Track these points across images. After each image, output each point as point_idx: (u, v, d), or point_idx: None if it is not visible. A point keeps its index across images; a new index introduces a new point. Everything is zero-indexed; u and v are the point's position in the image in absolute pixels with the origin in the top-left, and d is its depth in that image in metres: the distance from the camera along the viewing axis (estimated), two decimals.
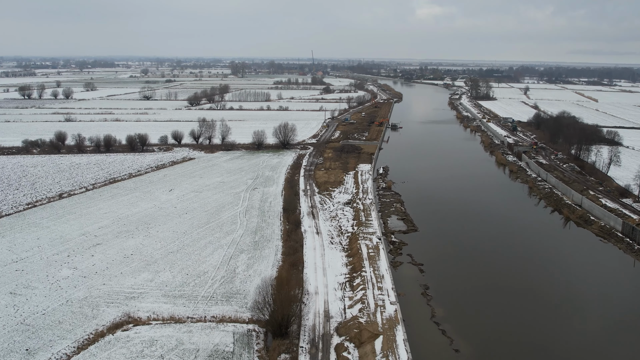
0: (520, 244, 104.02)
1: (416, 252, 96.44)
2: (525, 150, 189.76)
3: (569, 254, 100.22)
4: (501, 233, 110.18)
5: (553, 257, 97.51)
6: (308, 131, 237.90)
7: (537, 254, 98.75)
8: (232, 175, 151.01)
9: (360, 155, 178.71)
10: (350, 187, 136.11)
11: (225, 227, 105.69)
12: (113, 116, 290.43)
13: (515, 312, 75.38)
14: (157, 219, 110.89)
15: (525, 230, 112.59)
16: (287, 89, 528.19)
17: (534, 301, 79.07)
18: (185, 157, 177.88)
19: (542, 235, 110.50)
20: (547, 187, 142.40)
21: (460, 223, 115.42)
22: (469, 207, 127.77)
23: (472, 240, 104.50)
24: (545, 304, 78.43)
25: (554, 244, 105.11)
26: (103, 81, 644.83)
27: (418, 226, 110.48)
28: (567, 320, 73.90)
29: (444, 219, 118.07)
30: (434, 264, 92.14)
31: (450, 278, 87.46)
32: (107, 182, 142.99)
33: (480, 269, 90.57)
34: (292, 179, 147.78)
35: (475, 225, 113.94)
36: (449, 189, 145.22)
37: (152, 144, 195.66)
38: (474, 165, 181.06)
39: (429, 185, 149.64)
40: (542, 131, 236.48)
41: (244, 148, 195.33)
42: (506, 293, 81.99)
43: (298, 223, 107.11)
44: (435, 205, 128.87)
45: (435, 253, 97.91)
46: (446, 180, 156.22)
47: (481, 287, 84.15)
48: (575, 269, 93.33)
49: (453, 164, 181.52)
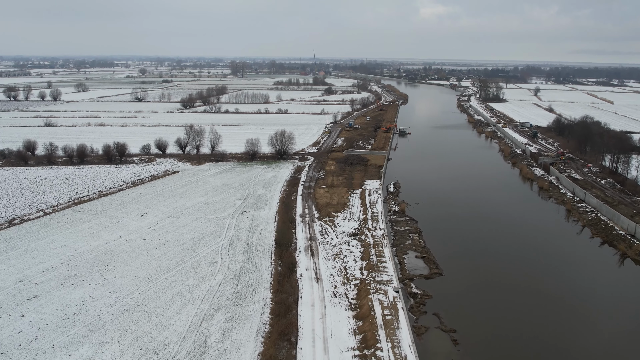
0: (580, 293, 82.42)
1: (445, 309, 74.76)
2: (552, 162, 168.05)
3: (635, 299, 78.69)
4: (549, 275, 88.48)
5: (623, 309, 76.07)
6: (308, 138, 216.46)
7: (602, 309, 77.24)
8: (219, 194, 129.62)
9: (366, 169, 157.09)
10: (357, 210, 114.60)
11: (201, 270, 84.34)
12: (98, 120, 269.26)
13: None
14: (118, 256, 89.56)
15: (578, 272, 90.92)
16: (287, 89, 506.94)
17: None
18: (167, 170, 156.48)
19: (599, 277, 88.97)
20: (588, 210, 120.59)
21: (490, 259, 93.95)
22: (498, 237, 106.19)
23: (508, 285, 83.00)
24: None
25: (618, 292, 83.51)
26: (98, 81, 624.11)
27: (442, 267, 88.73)
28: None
29: (471, 255, 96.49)
30: (470, 328, 70.52)
31: (492, 346, 66.04)
32: (71, 202, 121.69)
33: (532, 331, 69.00)
34: (288, 199, 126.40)
35: (510, 263, 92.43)
36: (470, 211, 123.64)
37: (132, 154, 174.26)
38: (496, 180, 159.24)
39: (447, 206, 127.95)
40: (565, 138, 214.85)
41: (235, 158, 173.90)
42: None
43: (293, 264, 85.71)
44: (458, 235, 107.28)
45: (469, 308, 76.22)
46: (465, 199, 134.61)
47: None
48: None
49: (471, 177, 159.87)
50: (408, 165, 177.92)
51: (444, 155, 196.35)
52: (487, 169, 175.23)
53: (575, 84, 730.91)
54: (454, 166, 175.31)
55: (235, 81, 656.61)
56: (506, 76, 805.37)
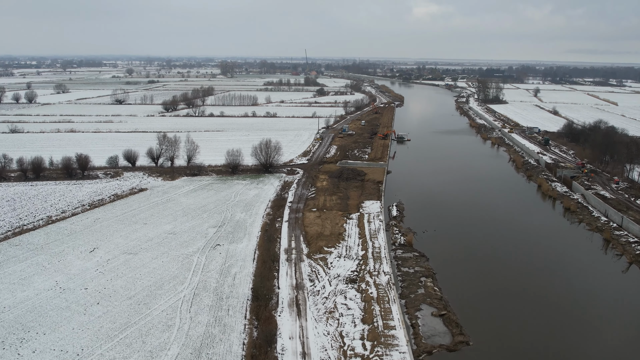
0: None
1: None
2: (573, 175, 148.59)
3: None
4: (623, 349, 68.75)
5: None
6: (297, 146, 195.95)
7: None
8: (189, 220, 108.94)
9: (364, 185, 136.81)
10: (355, 244, 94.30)
11: (151, 339, 63.73)
12: (70, 125, 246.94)
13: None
14: (47, 316, 68.77)
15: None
16: (277, 90, 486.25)
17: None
18: (134, 187, 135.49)
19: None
20: (632, 241, 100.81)
21: (525, 316, 74.01)
22: (530, 282, 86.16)
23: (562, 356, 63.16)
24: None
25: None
26: (81, 82, 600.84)
27: (468, 331, 68.44)
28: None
29: (501, 310, 76.52)
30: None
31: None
32: (10, 233, 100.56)
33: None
34: (272, 226, 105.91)
35: (557, 329, 72.55)
36: (489, 242, 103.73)
37: (96, 168, 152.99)
38: (512, 198, 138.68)
39: (461, 236, 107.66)
40: (579, 146, 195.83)
41: (214, 172, 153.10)
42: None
43: (273, 330, 65.18)
44: (480, 277, 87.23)
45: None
46: (481, 224, 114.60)
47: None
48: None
49: (483, 194, 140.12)
50: (410, 178, 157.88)
51: (448, 166, 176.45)
52: (500, 183, 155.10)
53: (572, 84, 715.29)
54: (461, 179, 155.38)
55: (224, 82, 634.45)
56: (502, 76, 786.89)
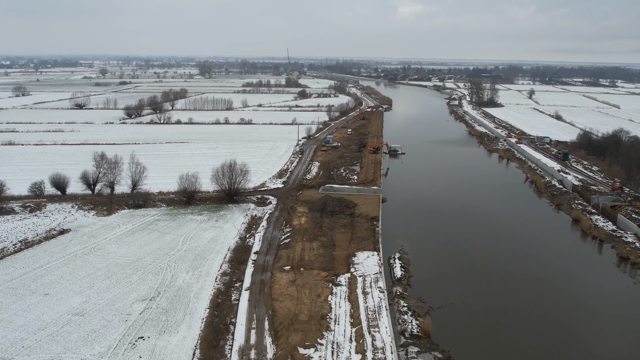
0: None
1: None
2: (613, 205, 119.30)
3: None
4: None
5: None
6: (272, 163, 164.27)
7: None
8: (111, 287, 77.00)
9: (354, 223, 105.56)
10: (345, 338, 63.16)
11: None
12: (10, 136, 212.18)
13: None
14: None
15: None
16: (256, 92, 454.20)
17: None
18: (54, 228, 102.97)
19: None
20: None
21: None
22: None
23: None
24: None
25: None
26: (48, 83, 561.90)
27: None
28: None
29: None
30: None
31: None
32: None
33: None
34: (226, 299, 74.25)
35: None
36: (539, 319, 73.76)
37: (15, 198, 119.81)
38: (546, 236, 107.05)
39: (493, 309, 77.68)
40: (602, 160, 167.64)
41: (165, 202, 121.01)
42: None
43: None
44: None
45: None
46: (518, 286, 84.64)
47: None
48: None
49: (507, 231, 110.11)
50: (411, 209, 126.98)
51: (453, 187, 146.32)
52: (525, 214, 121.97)
53: (563, 84, 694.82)
54: (473, 211, 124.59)
55: (201, 82, 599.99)
56: (490, 76, 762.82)
